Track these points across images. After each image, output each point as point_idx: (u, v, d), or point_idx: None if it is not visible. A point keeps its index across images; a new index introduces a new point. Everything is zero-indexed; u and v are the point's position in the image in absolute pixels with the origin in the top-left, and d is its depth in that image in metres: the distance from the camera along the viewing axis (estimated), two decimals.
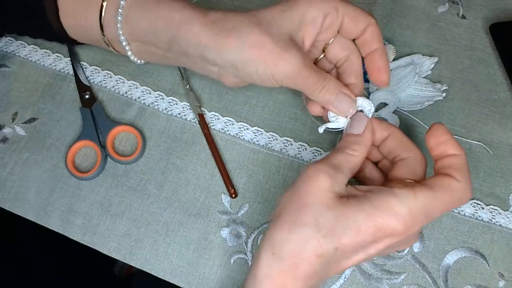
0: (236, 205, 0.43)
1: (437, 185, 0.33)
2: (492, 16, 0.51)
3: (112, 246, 0.42)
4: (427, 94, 0.47)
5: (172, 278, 0.41)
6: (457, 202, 0.33)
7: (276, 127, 0.46)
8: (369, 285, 0.41)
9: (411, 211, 0.31)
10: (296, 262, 0.32)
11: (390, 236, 0.32)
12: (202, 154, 0.45)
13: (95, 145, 0.44)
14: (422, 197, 0.32)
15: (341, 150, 0.36)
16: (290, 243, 0.32)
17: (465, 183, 0.33)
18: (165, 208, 0.43)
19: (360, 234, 0.31)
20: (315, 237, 0.31)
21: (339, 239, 0.31)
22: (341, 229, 0.31)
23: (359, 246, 0.32)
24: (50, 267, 0.59)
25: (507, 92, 0.48)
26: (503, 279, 0.41)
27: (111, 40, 0.41)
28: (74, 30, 0.43)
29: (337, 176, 0.33)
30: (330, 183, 0.33)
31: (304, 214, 0.32)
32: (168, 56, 0.40)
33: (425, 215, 0.32)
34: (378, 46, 0.39)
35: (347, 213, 0.32)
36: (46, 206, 0.43)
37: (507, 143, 0.45)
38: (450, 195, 0.33)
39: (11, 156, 0.45)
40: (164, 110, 0.47)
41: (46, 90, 0.47)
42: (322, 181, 0.33)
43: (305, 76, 0.37)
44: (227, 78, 0.40)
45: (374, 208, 0.31)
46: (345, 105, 0.38)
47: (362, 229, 0.31)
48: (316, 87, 0.37)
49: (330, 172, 0.33)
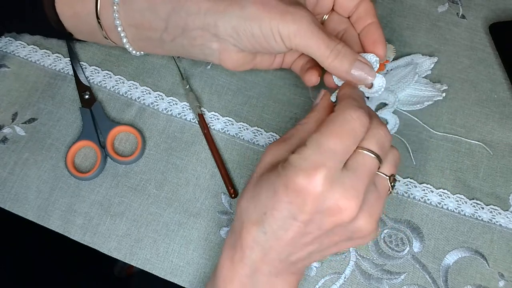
0: (236, 205, 0.43)
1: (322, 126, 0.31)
2: (492, 16, 0.51)
3: (113, 246, 0.42)
4: (427, 94, 0.47)
5: (173, 277, 0.41)
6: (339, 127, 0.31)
7: (276, 127, 0.46)
8: (369, 285, 0.41)
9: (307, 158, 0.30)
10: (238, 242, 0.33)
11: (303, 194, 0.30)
12: (202, 154, 0.45)
13: (95, 145, 0.44)
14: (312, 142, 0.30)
15: (298, 122, 0.35)
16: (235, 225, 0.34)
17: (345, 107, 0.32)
18: (165, 208, 0.43)
19: (276, 196, 0.31)
20: (247, 209, 0.32)
21: (263, 204, 0.31)
22: (263, 195, 0.32)
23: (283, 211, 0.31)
24: (50, 267, 0.59)
25: (507, 92, 0.48)
26: (503, 279, 0.41)
27: (107, 28, 0.41)
28: (70, 21, 0.42)
29: (279, 147, 0.33)
30: (271, 156, 0.33)
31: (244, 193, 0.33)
32: (164, 38, 0.39)
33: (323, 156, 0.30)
34: (373, 20, 0.38)
35: (268, 179, 0.32)
36: (46, 206, 0.43)
37: (507, 143, 0.45)
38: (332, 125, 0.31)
39: (11, 156, 0.45)
40: (164, 110, 0.47)
41: (46, 90, 0.48)
42: (265, 157, 0.34)
43: (316, 33, 0.34)
44: (228, 56, 0.38)
45: (281, 168, 0.31)
46: (364, 72, 0.35)
47: (277, 191, 0.30)
48: (330, 50, 0.35)
49: (275, 146, 0.34)
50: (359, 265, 0.41)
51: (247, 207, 0.33)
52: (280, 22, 0.34)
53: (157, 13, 0.38)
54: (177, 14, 0.37)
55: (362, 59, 0.36)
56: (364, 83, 0.36)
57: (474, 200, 0.43)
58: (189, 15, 0.37)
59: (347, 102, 0.32)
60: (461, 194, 0.44)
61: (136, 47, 0.42)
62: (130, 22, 0.40)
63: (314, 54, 0.35)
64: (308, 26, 0.34)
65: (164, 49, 0.42)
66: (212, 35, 0.37)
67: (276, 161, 0.33)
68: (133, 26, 0.40)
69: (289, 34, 0.35)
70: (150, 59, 0.49)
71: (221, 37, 0.37)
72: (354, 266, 0.41)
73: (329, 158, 0.30)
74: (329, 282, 0.41)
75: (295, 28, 0.34)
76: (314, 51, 0.35)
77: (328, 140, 0.30)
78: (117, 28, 0.40)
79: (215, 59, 0.39)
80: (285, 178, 0.30)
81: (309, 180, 0.29)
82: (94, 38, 0.43)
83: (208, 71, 0.48)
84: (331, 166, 0.30)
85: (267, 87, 0.48)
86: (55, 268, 0.60)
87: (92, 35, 0.43)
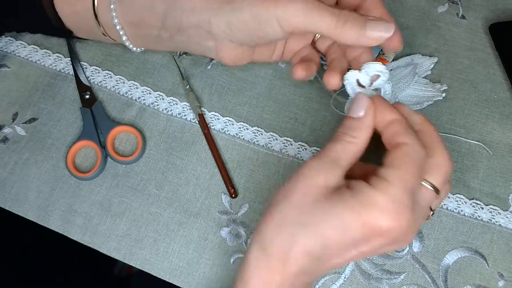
0: (236, 205, 0.44)
1: (396, 160, 0.31)
2: (492, 16, 0.51)
3: (112, 246, 0.42)
4: (427, 94, 0.47)
5: (172, 278, 0.41)
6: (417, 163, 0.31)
7: (276, 127, 0.46)
8: (368, 285, 0.41)
9: (395, 200, 0.29)
10: (283, 259, 0.31)
11: (382, 234, 0.30)
12: (202, 154, 0.45)
13: (95, 145, 0.44)
14: (397, 180, 0.30)
15: (339, 138, 0.33)
16: (277, 240, 0.31)
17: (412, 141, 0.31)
18: (165, 208, 0.43)
19: (348, 232, 0.30)
20: (302, 234, 0.31)
21: (326, 237, 0.30)
22: (327, 227, 0.30)
23: (349, 243, 0.31)
24: (50, 267, 0.59)
25: (507, 92, 0.48)
26: (502, 279, 0.41)
27: (105, 25, 0.41)
28: (69, 18, 0.43)
29: (333, 171, 0.32)
30: (324, 179, 0.31)
31: (292, 211, 0.31)
32: (162, 35, 0.39)
33: (409, 196, 0.30)
34: (381, 12, 0.36)
35: (334, 210, 0.30)
36: (46, 206, 0.43)
37: (507, 143, 0.45)
38: (411, 161, 0.31)
39: (11, 156, 0.45)
40: (164, 110, 0.47)
41: (47, 90, 0.48)
42: (314, 178, 0.31)
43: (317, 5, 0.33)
44: (225, 52, 0.38)
45: (359, 204, 0.30)
46: (381, 28, 0.33)
47: (351, 227, 0.30)
48: (336, 19, 0.33)
49: (325, 168, 0.32)
50: (359, 265, 0.41)
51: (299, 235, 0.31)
52: (276, 7, 0.33)
53: (154, 11, 0.38)
54: (173, 11, 0.37)
55: (373, 17, 0.34)
56: (382, 41, 0.34)
57: (474, 200, 0.43)
58: (183, 12, 0.37)
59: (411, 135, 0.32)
60: (461, 194, 0.44)
61: (136, 43, 0.42)
62: (128, 19, 0.40)
63: (320, 28, 0.33)
64: (306, 2, 0.33)
65: (164, 46, 0.42)
66: (206, 33, 0.37)
67: (331, 187, 0.31)
68: (131, 23, 0.40)
69: (287, 16, 0.33)
70: (150, 59, 0.49)
71: (216, 34, 0.37)
72: (354, 266, 0.41)
73: (412, 198, 0.30)
74: (329, 282, 0.41)
75: (293, 8, 0.33)
76: (319, 24, 0.33)
77: (411, 180, 0.30)
78: (115, 26, 0.40)
79: (213, 55, 0.39)
80: (365, 217, 0.29)
81: (395, 223, 0.29)
82: (94, 36, 0.43)
83: (209, 71, 0.48)
84: (412, 206, 0.30)
85: (267, 87, 0.48)
86: (55, 268, 0.60)
87: (92, 32, 0.43)
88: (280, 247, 0.31)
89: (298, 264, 0.31)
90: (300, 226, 0.31)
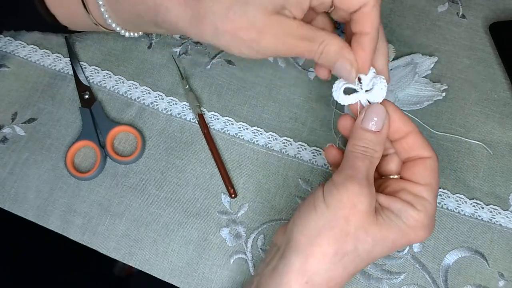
0: (235, 205, 0.43)
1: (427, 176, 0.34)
2: (492, 16, 0.51)
3: (111, 246, 0.42)
4: (427, 93, 0.47)
5: (171, 278, 0.41)
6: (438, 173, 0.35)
7: (275, 127, 0.46)
8: (369, 285, 0.41)
9: (430, 215, 0.33)
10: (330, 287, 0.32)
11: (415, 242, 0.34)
12: (202, 154, 0.45)
13: (94, 145, 0.44)
14: (432, 196, 0.33)
15: (364, 154, 0.33)
16: (329, 272, 0.32)
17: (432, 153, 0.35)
18: (164, 208, 0.43)
19: (393, 248, 0.33)
20: (354, 261, 0.32)
21: (374, 258, 0.33)
22: (379, 251, 0.32)
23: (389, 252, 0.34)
24: (50, 267, 0.59)
25: (507, 92, 0.48)
26: (503, 279, 0.41)
27: (100, 23, 0.42)
28: (63, 16, 0.43)
29: (372, 192, 0.32)
30: (369, 204, 0.32)
31: (346, 243, 0.31)
32: (159, 30, 0.40)
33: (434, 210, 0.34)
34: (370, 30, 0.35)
35: (386, 235, 0.32)
36: (46, 206, 0.43)
37: (507, 142, 0.45)
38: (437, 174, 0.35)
39: (10, 156, 0.45)
40: (163, 110, 0.47)
41: (46, 90, 0.47)
42: (360, 205, 0.31)
43: (293, 45, 0.34)
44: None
45: (406, 226, 0.32)
46: (344, 73, 0.34)
47: (397, 246, 0.33)
48: (313, 52, 0.34)
49: (366, 191, 0.32)
50: None
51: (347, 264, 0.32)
52: (257, 46, 0.34)
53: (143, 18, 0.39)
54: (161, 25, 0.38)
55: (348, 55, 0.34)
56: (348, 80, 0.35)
57: (474, 200, 0.43)
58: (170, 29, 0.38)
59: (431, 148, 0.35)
60: (461, 194, 0.43)
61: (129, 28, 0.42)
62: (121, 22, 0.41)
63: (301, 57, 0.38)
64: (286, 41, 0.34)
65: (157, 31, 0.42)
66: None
67: (372, 209, 0.32)
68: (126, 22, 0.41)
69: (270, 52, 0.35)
70: (150, 59, 0.49)
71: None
72: None
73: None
74: None
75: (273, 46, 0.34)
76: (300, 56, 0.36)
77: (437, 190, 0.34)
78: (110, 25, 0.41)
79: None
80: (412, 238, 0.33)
81: (429, 233, 0.33)
82: (88, 26, 0.44)
83: (208, 71, 0.48)
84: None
85: (267, 87, 0.48)
86: (55, 268, 0.59)
87: (85, 24, 0.43)
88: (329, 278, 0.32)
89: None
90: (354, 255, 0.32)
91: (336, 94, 0.36)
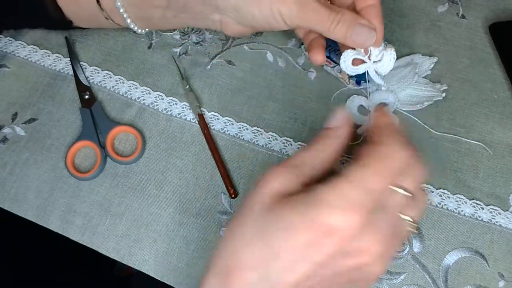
0: (236, 205, 0.43)
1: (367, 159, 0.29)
2: (492, 16, 0.51)
3: (111, 246, 0.42)
4: (427, 94, 0.47)
5: (171, 279, 0.41)
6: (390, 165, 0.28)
7: (275, 127, 0.46)
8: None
9: (349, 198, 0.27)
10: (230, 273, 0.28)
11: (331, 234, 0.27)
12: (202, 154, 0.45)
13: (94, 145, 0.44)
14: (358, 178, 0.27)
15: (309, 146, 0.31)
16: (226, 252, 0.29)
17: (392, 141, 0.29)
18: (164, 208, 0.43)
19: (295, 234, 0.27)
20: (250, 243, 0.28)
21: (273, 245, 0.27)
22: (275, 234, 0.27)
23: (298, 250, 0.27)
24: (50, 267, 0.59)
25: (507, 92, 0.48)
26: (503, 279, 0.41)
27: (108, 9, 0.41)
28: (70, 8, 0.43)
29: (290, 175, 0.29)
30: (279, 184, 0.29)
31: (241, 221, 0.29)
32: (167, 15, 0.40)
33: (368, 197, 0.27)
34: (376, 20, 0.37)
35: (282, 213, 0.28)
36: (46, 206, 0.43)
37: (507, 143, 0.45)
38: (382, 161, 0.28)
39: (11, 156, 0.45)
40: (163, 110, 0.47)
41: (46, 91, 0.47)
42: (270, 183, 0.29)
43: (316, 9, 0.35)
44: (229, 26, 0.39)
45: (306, 203, 0.27)
46: (363, 36, 0.36)
47: (298, 228, 0.27)
48: (330, 21, 0.35)
49: (282, 172, 0.29)
50: None
51: (243, 249, 0.28)
52: (281, 5, 0.35)
53: None
54: None
55: (364, 22, 0.36)
56: (364, 47, 0.36)
57: (474, 200, 0.43)
58: None
59: (393, 137, 0.30)
60: (461, 194, 0.44)
61: (140, 25, 0.43)
62: (132, 1, 0.40)
63: (316, 27, 0.36)
64: (310, 4, 0.35)
65: (168, 25, 0.42)
66: (213, 8, 0.38)
67: (286, 192, 0.29)
68: (134, 5, 0.40)
69: (291, 15, 0.35)
70: (150, 59, 0.49)
71: (222, 10, 0.37)
72: None
73: (370, 198, 0.27)
74: None
75: (297, 9, 0.35)
76: (316, 25, 0.36)
77: (373, 178, 0.27)
78: (118, 10, 0.40)
79: (216, 27, 0.40)
80: (311, 214, 0.27)
81: (345, 220, 0.26)
82: (95, 22, 0.44)
83: (208, 71, 0.48)
84: (370, 207, 0.27)
85: (267, 87, 0.48)
86: (54, 268, 0.59)
87: (93, 19, 0.43)
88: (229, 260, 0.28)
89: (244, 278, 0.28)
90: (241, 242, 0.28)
91: (344, 64, 0.37)
